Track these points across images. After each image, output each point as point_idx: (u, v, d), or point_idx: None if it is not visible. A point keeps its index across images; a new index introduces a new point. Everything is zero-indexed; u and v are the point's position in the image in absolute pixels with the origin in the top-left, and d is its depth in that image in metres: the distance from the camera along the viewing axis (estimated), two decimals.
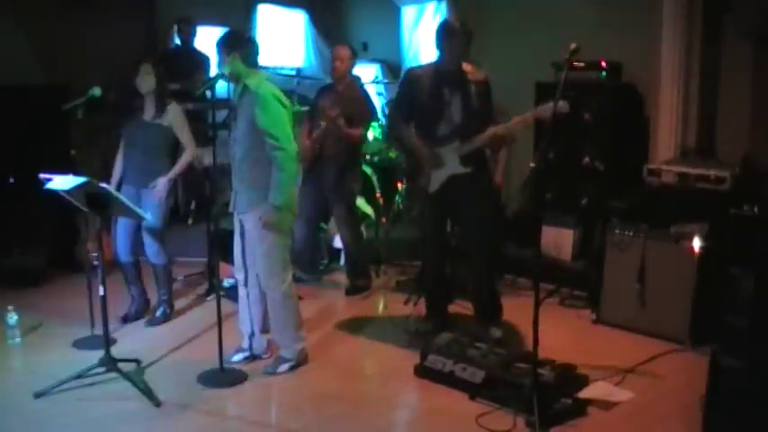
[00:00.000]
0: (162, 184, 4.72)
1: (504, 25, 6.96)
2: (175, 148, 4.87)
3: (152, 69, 4.71)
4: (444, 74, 4.41)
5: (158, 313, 4.96)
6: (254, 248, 4.12)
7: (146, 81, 4.70)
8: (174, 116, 4.78)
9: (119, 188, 4.72)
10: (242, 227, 4.18)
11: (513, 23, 6.83)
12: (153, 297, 5.08)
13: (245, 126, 4.02)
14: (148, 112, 4.76)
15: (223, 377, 4.08)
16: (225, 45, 4.04)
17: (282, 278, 4.15)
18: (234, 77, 4.07)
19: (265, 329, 4.36)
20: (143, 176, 4.73)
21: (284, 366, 4.23)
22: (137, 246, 4.87)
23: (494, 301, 4.75)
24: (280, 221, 4.05)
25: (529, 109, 4.28)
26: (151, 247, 4.82)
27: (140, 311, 5.01)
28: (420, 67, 4.67)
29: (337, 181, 5.58)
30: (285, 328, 4.23)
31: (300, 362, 4.29)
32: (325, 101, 5.54)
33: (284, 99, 4.11)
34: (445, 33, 4.35)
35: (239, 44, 4.07)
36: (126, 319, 4.94)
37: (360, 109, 5.55)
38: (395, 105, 4.66)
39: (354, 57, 5.63)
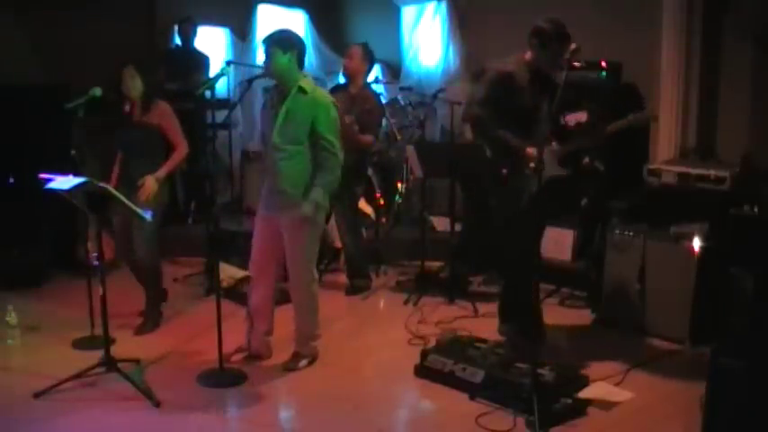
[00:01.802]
0: (149, 182, 4.62)
1: (503, 25, 6.95)
2: (169, 148, 4.76)
3: (137, 72, 4.62)
4: (539, 74, 4.28)
5: (148, 319, 4.86)
6: (287, 248, 4.14)
7: (132, 85, 4.62)
8: (163, 114, 4.70)
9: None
10: (268, 227, 4.17)
11: (513, 23, 6.83)
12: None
13: (296, 126, 4.02)
14: (136, 114, 4.69)
15: (223, 377, 4.07)
16: (282, 43, 4.01)
17: (312, 277, 4.21)
18: (285, 77, 4.05)
19: (268, 332, 4.37)
20: (137, 177, 4.63)
21: (303, 362, 4.28)
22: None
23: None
24: (316, 220, 4.10)
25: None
26: (143, 246, 4.75)
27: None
28: (509, 64, 4.40)
29: (343, 186, 5.57)
30: (308, 326, 4.30)
31: (315, 357, 4.35)
32: (338, 103, 5.54)
33: (336, 105, 4.18)
34: (543, 36, 4.24)
35: (296, 44, 4.06)
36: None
37: (372, 116, 5.55)
38: (482, 104, 4.34)
39: (367, 58, 5.58)
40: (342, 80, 5.96)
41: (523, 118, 4.26)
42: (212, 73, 6.96)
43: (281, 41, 4.02)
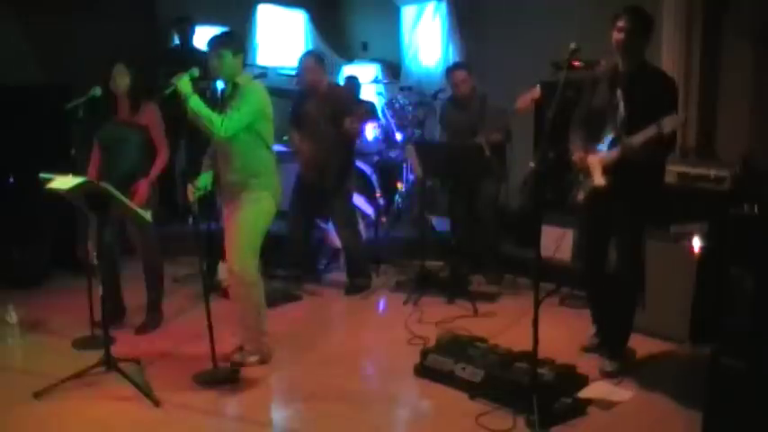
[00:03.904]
0: (143, 187, 4.61)
1: (503, 25, 6.96)
2: (152, 149, 4.73)
3: (126, 69, 4.61)
4: (620, 73, 3.95)
5: (149, 320, 4.86)
6: (227, 236, 4.14)
7: (120, 81, 4.60)
8: (151, 115, 4.68)
9: None
10: (226, 221, 4.19)
11: (513, 23, 6.84)
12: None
13: None
14: (123, 112, 4.66)
15: (216, 376, 4.04)
16: (233, 46, 4.06)
17: (251, 266, 4.12)
18: (232, 77, 4.09)
19: None
20: (121, 178, 4.54)
21: (252, 358, 4.22)
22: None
23: (619, 331, 4.23)
24: (261, 207, 4.07)
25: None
26: (144, 248, 4.75)
27: (116, 318, 4.89)
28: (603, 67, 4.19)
29: (335, 184, 5.59)
30: (247, 319, 4.20)
31: (266, 356, 4.27)
32: (310, 107, 5.53)
33: (268, 105, 4.14)
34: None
35: (243, 46, 4.15)
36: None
37: (348, 106, 5.56)
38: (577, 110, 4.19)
39: (320, 64, 5.59)
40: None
41: (601, 122, 3.98)
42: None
43: (232, 44, 4.07)
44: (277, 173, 4.24)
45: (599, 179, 3.96)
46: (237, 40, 4.18)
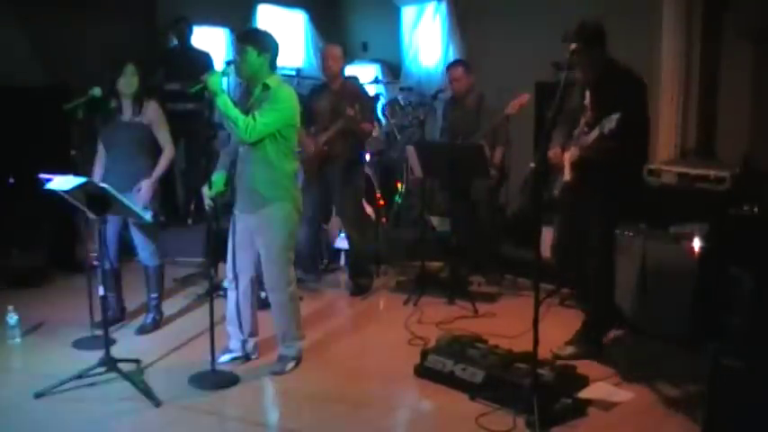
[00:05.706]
0: (146, 187, 4.61)
1: (504, 25, 6.97)
2: (156, 148, 4.73)
3: (137, 70, 4.61)
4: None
5: (149, 320, 4.85)
6: (261, 249, 4.10)
7: (130, 82, 4.59)
8: (153, 114, 4.67)
9: None
10: (243, 227, 4.15)
11: (514, 23, 6.84)
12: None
13: None
14: (126, 112, 4.65)
15: (213, 379, 4.04)
16: (257, 44, 3.96)
17: (289, 279, 4.16)
18: (254, 78, 4.01)
19: (252, 334, 4.34)
20: (124, 178, 4.55)
21: (291, 364, 4.25)
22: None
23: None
24: (288, 222, 4.05)
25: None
26: (146, 249, 4.74)
27: (117, 319, 4.90)
28: None
29: (344, 181, 5.58)
30: (290, 328, 4.25)
31: (299, 359, 4.32)
32: (324, 101, 5.54)
33: (297, 112, 4.08)
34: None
35: (271, 47, 4.02)
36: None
37: (363, 104, 5.53)
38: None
39: (344, 56, 5.60)
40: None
41: (575, 123, 4.19)
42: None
43: (258, 42, 3.98)
44: (297, 179, 4.18)
45: (567, 174, 4.17)
46: (266, 39, 4.02)
